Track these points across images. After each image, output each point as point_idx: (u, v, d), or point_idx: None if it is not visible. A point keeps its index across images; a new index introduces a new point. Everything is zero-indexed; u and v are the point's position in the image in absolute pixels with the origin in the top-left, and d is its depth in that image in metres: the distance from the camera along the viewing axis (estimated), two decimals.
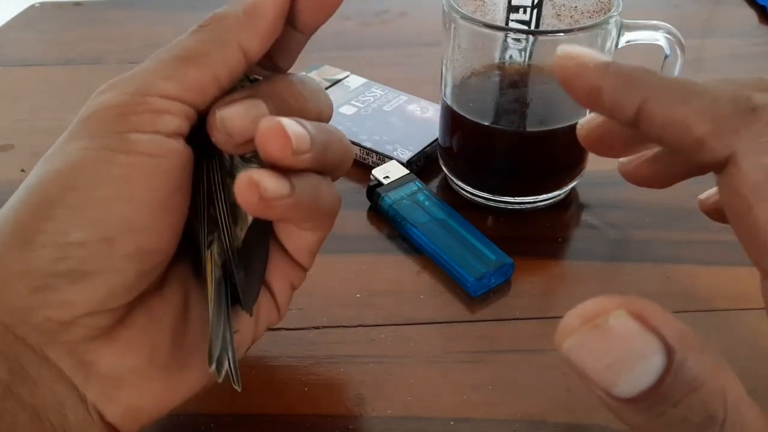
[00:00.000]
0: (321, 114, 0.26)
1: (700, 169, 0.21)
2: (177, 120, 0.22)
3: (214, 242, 0.25)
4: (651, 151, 0.24)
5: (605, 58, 0.20)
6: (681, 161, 0.23)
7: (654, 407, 0.16)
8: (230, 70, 0.23)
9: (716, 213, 0.24)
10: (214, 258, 0.25)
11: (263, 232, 0.27)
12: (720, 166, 0.18)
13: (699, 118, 0.18)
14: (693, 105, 0.18)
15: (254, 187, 0.21)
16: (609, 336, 0.15)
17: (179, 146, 0.22)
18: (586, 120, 0.24)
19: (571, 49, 0.20)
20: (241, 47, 0.23)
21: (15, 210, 0.21)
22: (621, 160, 0.25)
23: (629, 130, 0.22)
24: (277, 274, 0.27)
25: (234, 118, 0.22)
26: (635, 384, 0.15)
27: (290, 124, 0.21)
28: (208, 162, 0.24)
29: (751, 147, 0.18)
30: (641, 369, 0.15)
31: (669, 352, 0.15)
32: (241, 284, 0.24)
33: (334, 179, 0.26)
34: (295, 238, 0.27)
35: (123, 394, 0.22)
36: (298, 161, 0.22)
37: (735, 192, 0.18)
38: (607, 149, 0.24)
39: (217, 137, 0.23)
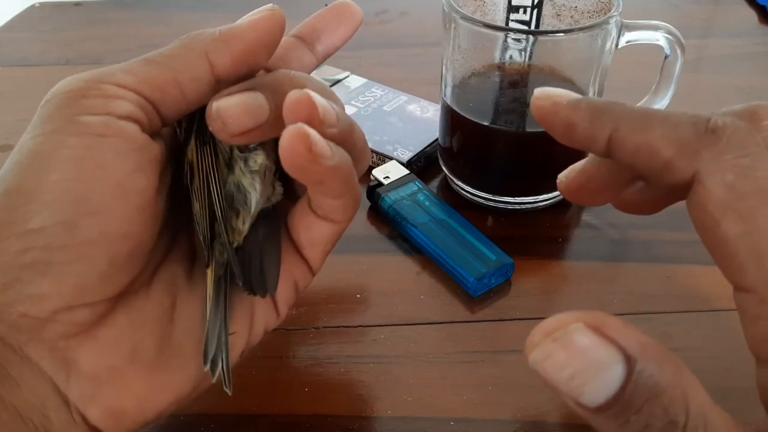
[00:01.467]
0: None
1: (676, 193, 0.21)
2: (130, 105, 0.22)
3: (216, 239, 0.24)
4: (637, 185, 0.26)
5: (577, 95, 0.22)
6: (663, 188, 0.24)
7: (619, 415, 0.16)
8: (193, 76, 0.23)
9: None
10: (215, 256, 0.24)
11: (274, 221, 0.26)
12: (687, 186, 0.20)
13: (665, 143, 0.20)
14: (658, 131, 0.20)
15: (304, 138, 0.21)
16: (568, 348, 0.17)
17: (132, 129, 0.22)
18: (565, 172, 0.26)
19: (546, 90, 0.22)
20: (208, 58, 0.23)
21: None
22: (560, 178, 0.27)
23: (608, 176, 0.25)
24: (282, 270, 0.26)
25: (230, 108, 0.22)
26: (599, 393, 0.16)
27: (316, 96, 0.22)
28: (202, 148, 0.24)
29: (714, 165, 0.19)
30: (603, 378, 0.16)
31: (629, 361, 0.16)
32: (239, 271, 0.24)
33: (358, 173, 0.26)
34: (313, 229, 0.26)
35: (104, 393, 0.22)
36: (326, 133, 0.22)
37: (702, 208, 0.19)
38: (589, 197, 0.26)
39: (213, 127, 0.22)
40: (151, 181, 0.22)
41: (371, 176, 0.40)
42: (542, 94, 0.22)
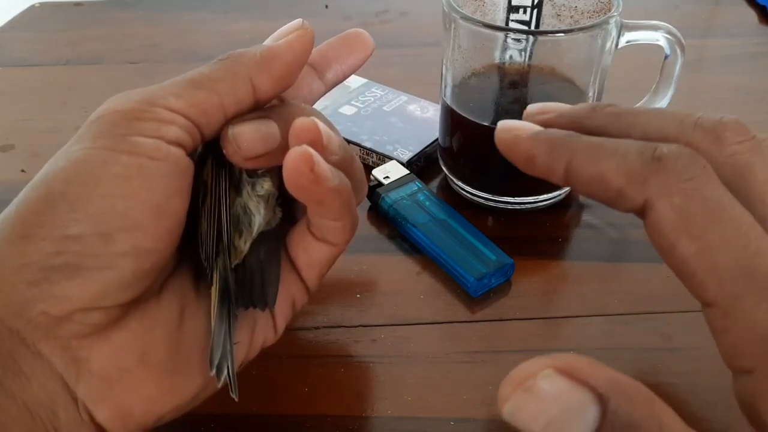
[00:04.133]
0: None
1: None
2: (179, 131, 0.23)
3: (221, 254, 0.25)
4: None
5: (537, 128, 0.23)
6: None
7: None
8: (237, 99, 0.24)
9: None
10: (219, 269, 0.25)
11: (275, 241, 0.27)
12: (641, 212, 0.21)
13: (615, 173, 0.21)
14: (608, 162, 0.21)
15: (308, 158, 0.22)
16: (541, 396, 0.16)
17: (179, 154, 0.23)
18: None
19: (509, 123, 0.24)
20: (252, 82, 0.24)
21: (17, 205, 0.22)
22: None
23: None
24: (281, 288, 0.27)
25: (244, 133, 0.24)
26: None
27: (321, 124, 0.23)
28: (218, 170, 0.25)
29: (662, 191, 0.20)
30: (577, 423, 0.16)
31: (602, 400, 0.16)
32: (236, 291, 0.25)
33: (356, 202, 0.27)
34: (311, 250, 0.27)
35: (112, 394, 0.22)
36: (328, 159, 0.23)
37: (657, 233, 0.20)
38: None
39: (228, 149, 0.24)
40: (184, 203, 0.24)
41: (371, 176, 0.40)
42: (504, 127, 0.24)
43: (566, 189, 0.40)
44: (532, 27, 0.39)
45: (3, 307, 0.21)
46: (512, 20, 0.39)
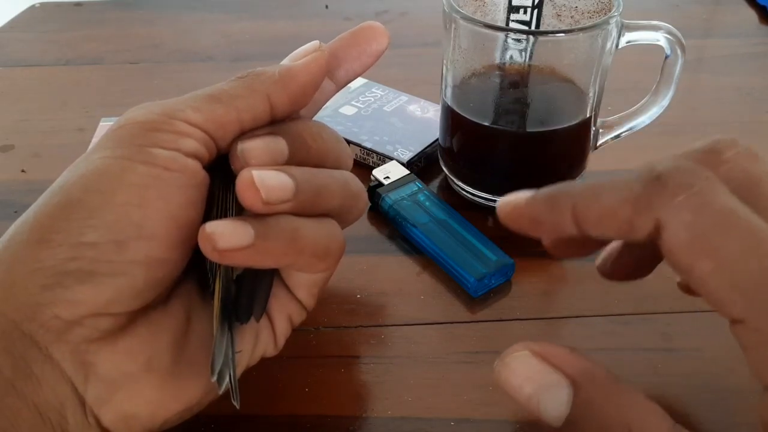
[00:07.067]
0: (339, 159, 0.27)
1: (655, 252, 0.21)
2: (196, 144, 0.24)
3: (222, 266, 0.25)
4: (616, 247, 0.27)
5: (530, 192, 0.23)
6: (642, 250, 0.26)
7: None
8: (254, 115, 0.25)
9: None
10: (221, 278, 0.25)
11: None
12: (657, 237, 0.20)
13: (620, 204, 0.20)
14: (610, 194, 0.20)
15: (209, 237, 0.22)
16: (517, 372, 0.20)
17: (195, 166, 0.23)
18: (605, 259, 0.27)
19: (506, 198, 0.23)
20: (269, 99, 0.25)
21: (35, 210, 0.22)
22: (597, 263, 0.28)
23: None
24: (277, 304, 0.27)
25: (253, 150, 0.24)
26: (551, 412, 0.19)
27: (264, 177, 0.22)
28: (225, 186, 0.25)
29: (670, 210, 0.19)
30: (551, 398, 0.19)
31: (575, 384, 0.19)
32: (234, 301, 0.25)
33: (345, 222, 0.27)
34: (293, 275, 0.27)
35: (118, 398, 0.22)
36: (273, 209, 0.23)
37: (673, 255, 0.19)
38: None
39: (237, 166, 0.24)
40: (199, 215, 0.24)
41: (371, 177, 0.40)
42: (503, 203, 0.23)
43: None
44: (533, 27, 0.39)
45: (17, 310, 0.21)
46: (512, 20, 0.39)
